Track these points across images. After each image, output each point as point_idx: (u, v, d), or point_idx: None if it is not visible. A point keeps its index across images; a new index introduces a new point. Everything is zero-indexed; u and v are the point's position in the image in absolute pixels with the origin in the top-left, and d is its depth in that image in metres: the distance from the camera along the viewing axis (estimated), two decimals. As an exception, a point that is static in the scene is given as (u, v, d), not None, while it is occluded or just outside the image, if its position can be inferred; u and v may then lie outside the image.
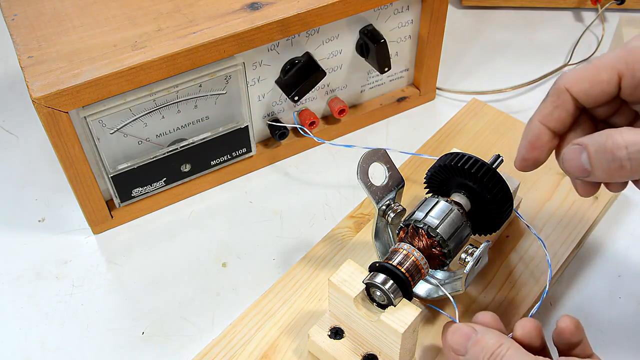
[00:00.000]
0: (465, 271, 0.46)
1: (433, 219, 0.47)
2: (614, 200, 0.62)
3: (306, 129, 0.65)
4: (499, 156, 0.53)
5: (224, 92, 0.59)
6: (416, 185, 0.62)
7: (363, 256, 0.57)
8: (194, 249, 0.61)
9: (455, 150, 0.53)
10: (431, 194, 0.52)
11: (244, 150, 0.65)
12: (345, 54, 0.65)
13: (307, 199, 0.65)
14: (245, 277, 0.59)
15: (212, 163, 0.64)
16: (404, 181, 0.51)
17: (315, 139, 0.63)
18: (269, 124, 0.65)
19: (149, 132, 0.58)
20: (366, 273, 0.47)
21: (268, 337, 0.52)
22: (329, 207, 0.64)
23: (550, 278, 0.52)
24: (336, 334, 0.49)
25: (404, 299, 0.45)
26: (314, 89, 0.64)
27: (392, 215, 0.50)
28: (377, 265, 0.46)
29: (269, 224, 0.63)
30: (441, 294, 0.50)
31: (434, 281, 0.51)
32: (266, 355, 0.51)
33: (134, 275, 0.59)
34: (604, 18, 0.83)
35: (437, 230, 0.47)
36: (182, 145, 0.60)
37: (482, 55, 0.79)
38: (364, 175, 0.49)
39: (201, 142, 0.61)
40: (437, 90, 0.74)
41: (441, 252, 0.47)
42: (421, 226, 0.47)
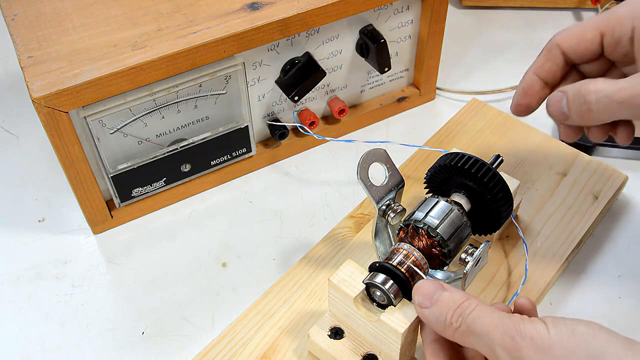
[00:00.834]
0: (465, 271, 0.46)
1: (433, 219, 0.47)
2: (614, 200, 0.62)
3: (306, 127, 0.65)
4: (499, 156, 0.53)
5: (224, 92, 0.59)
6: (416, 185, 0.62)
7: (363, 256, 0.57)
8: (194, 249, 0.61)
9: (455, 150, 0.53)
10: (431, 194, 0.52)
11: (244, 150, 0.65)
12: (345, 54, 0.65)
13: (307, 199, 0.65)
14: (245, 277, 0.59)
15: (212, 163, 0.64)
16: (404, 181, 0.51)
17: (316, 136, 0.63)
18: (269, 123, 0.65)
19: (149, 132, 0.58)
20: (366, 273, 0.47)
21: (268, 337, 0.52)
22: (329, 207, 0.64)
23: (523, 283, 0.53)
24: (336, 334, 0.49)
25: (404, 299, 0.45)
26: (314, 89, 0.64)
27: (392, 215, 0.50)
28: (377, 265, 0.46)
29: (269, 224, 0.63)
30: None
31: (434, 281, 0.51)
32: (266, 355, 0.51)
33: (133, 275, 0.59)
34: (604, 18, 0.83)
35: (437, 230, 0.47)
36: (182, 145, 0.60)
37: (482, 55, 0.79)
38: (364, 175, 0.49)
39: (201, 142, 0.61)
40: (437, 90, 0.74)
41: (441, 252, 0.47)
42: (421, 226, 0.47)
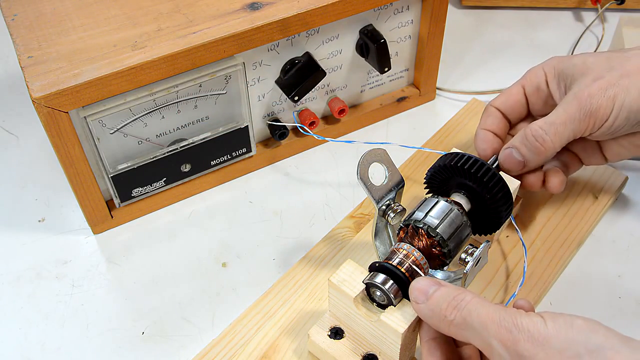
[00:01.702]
0: (465, 271, 0.46)
1: (433, 219, 0.47)
2: (614, 200, 0.62)
3: (306, 128, 0.65)
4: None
5: (224, 92, 0.59)
6: (416, 185, 0.62)
7: (363, 256, 0.57)
8: (194, 249, 0.61)
9: (455, 150, 0.53)
10: (431, 194, 0.52)
11: (244, 150, 0.65)
12: (345, 54, 0.65)
13: (307, 199, 0.65)
14: (245, 277, 0.59)
15: (212, 163, 0.64)
16: (404, 181, 0.51)
17: (316, 136, 0.63)
18: (269, 123, 0.65)
19: (149, 132, 0.58)
20: (366, 273, 0.47)
21: (268, 337, 0.52)
22: (329, 207, 0.64)
23: (520, 285, 0.53)
24: (336, 334, 0.49)
25: (404, 299, 0.45)
26: (314, 89, 0.64)
27: (392, 215, 0.50)
28: (377, 265, 0.46)
29: (269, 224, 0.63)
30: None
31: (434, 281, 0.51)
32: (266, 355, 0.51)
33: (133, 275, 0.59)
34: (604, 18, 0.83)
35: (437, 230, 0.47)
36: (182, 145, 0.60)
37: (482, 55, 0.79)
38: (364, 175, 0.49)
39: (201, 142, 0.61)
40: (437, 90, 0.74)
41: (441, 252, 0.47)
42: (421, 226, 0.47)
